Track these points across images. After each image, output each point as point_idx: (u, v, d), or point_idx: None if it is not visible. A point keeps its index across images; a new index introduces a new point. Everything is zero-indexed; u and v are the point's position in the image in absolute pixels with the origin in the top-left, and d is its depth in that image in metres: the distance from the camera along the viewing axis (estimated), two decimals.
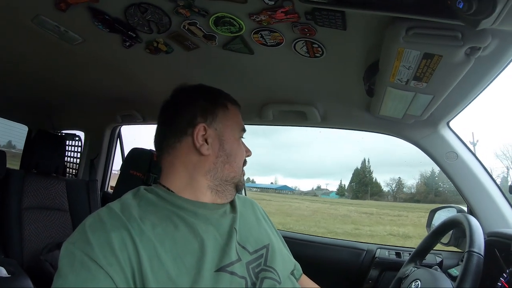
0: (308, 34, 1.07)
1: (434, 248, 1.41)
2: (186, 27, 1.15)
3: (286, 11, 0.96)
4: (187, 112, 0.97)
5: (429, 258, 1.59)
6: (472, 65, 0.93)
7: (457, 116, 1.45)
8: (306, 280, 1.20)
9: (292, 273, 1.08)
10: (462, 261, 1.06)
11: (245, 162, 1.05)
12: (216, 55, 1.33)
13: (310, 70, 1.33)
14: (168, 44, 1.31)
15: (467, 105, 1.30)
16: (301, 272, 1.18)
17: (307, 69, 1.33)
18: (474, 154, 1.52)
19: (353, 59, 1.19)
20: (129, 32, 1.25)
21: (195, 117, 0.96)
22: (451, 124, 1.53)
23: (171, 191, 0.94)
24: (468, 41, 0.84)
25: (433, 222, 1.72)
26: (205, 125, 0.95)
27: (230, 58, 1.32)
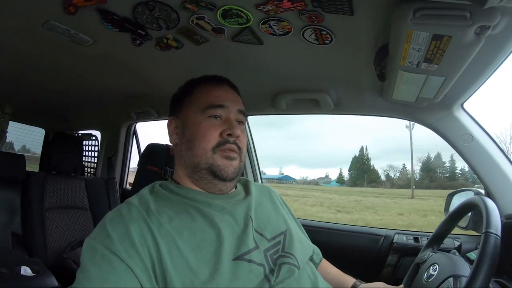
0: (316, 22, 1.07)
1: (452, 232, 1.40)
2: (195, 22, 1.16)
3: (293, 0, 0.96)
4: (169, 111, 1.09)
5: (448, 242, 1.58)
6: (483, 45, 0.92)
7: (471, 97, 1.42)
8: (326, 264, 1.21)
9: (311, 258, 1.09)
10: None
11: (225, 142, 0.94)
12: (226, 47, 1.34)
13: (321, 57, 1.33)
14: (178, 40, 1.33)
15: (481, 85, 1.28)
16: (321, 256, 1.19)
17: (317, 56, 1.33)
18: (490, 136, 1.49)
19: (362, 44, 1.19)
20: (139, 31, 1.27)
21: (170, 113, 1.06)
22: (465, 105, 1.50)
23: (180, 184, 0.98)
24: (477, 20, 0.83)
25: (450, 207, 1.70)
26: (173, 118, 1.03)
27: (240, 49, 1.33)
